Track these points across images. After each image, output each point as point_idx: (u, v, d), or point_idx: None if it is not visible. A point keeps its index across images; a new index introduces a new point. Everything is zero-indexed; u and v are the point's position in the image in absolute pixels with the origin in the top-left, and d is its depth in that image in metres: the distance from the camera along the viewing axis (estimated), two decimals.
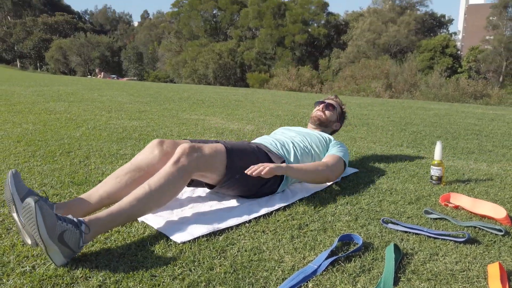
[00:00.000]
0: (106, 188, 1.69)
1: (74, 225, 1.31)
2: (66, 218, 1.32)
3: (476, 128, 4.47)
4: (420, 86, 21.38)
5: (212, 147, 1.76)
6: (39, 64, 45.89)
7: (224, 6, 38.87)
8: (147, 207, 1.54)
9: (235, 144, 1.92)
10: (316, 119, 2.56)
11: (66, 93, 6.94)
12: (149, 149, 1.84)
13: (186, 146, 1.67)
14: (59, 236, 1.25)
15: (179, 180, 1.61)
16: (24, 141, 3.02)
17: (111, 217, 1.44)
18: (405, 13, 35.88)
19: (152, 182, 1.56)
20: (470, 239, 1.56)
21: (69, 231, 1.28)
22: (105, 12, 71.06)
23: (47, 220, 1.24)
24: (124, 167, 1.78)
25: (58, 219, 1.27)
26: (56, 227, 1.25)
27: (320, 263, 1.34)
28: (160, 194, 1.56)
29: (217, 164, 1.74)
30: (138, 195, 1.52)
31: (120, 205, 1.49)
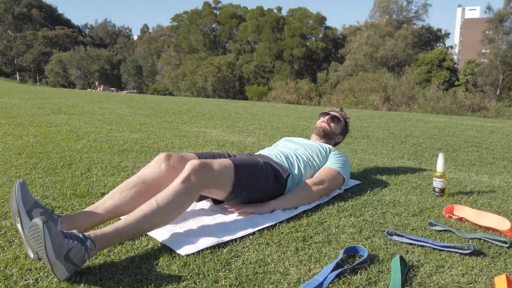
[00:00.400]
0: (112, 201, 1.67)
1: (80, 241, 1.29)
2: (72, 235, 1.30)
3: (476, 140, 4.49)
4: (418, 99, 21.52)
5: (221, 164, 1.75)
6: (39, 77, 46.07)
7: (223, 21, 39.27)
8: (153, 223, 1.52)
9: (243, 159, 1.90)
10: (321, 130, 2.57)
11: (66, 106, 6.96)
12: (156, 163, 1.83)
13: (196, 164, 1.66)
14: (66, 254, 1.24)
15: (187, 198, 1.60)
16: (25, 153, 3.02)
17: (117, 232, 1.43)
18: (402, 27, 36.30)
19: (160, 199, 1.54)
20: (476, 251, 1.55)
21: (75, 248, 1.27)
22: (105, 26, 71.69)
23: (55, 241, 1.22)
24: (130, 181, 1.77)
25: (65, 237, 1.26)
26: (63, 246, 1.24)
27: (326, 276, 1.33)
28: (168, 211, 1.54)
29: (224, 181, 1.74)
30: (145, 212, 1.50)
31: (127, 220, 1.47)
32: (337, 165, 2.26)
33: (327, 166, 2.27)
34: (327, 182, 2.14)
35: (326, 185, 2.13)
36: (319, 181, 2.12)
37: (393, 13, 38.54)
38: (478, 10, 68.38)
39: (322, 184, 2.11)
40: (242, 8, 41.25)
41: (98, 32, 69.52)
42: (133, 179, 1.78)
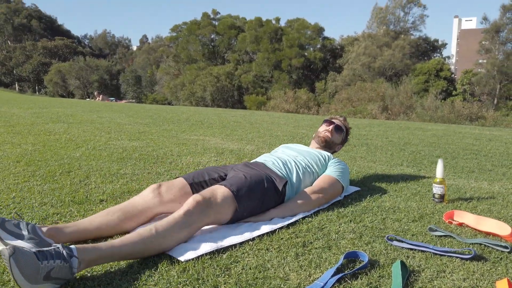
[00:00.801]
0: (97, 219, 1.66)
1: (63, 259, 1.24)
2: (55, 253, 1.24)
3: (474, 148, 4.50)
4: (416, 108, 21.58)
5: (223, 197, 1.72)
6: (38, 88, 46.17)
7: (222, 31, 39.55)
8: (148, 249, 1.47)
9: (240, 182, 1.85)
10: (323, 140, 2.57)
11: (65, 115, 6.96)
12: (146, 192, 1.84)
13: (200, 200, 1.63)
14: (45, 276, 1.19)
15: (185, 231, 1.57)
16: (24, 161, 3.01)
17: (111, 250, 1.37)
18: (399, 38, 36.59)
19: (160, 226, 1.51)
20: (477, 256, 1.54)
21: (57, 267, 1.22)
22: (105, 36, 72.13)
23: (26, 269, 1.16)
24: (119, 205, 1.77)
25: (44, 259, 1.20)
26: (40, 271, 1.18)
27: (326, 281, 1.32)
28: (165, 239, 1.50)
29: (225, 210, 1.74)
30: (143, 236, 1.46)
31: (123, 241, 1.43)
32: (337, 173, 2.26)
33: (326, 174, 2.26)
34: (326, 190, 2.14)
35: (325, 194, 2.13)
36: (318, 189, 2.12)
37: (390, 23, 38.89)
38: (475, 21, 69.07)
39: (321, 192, 2.11)
40: (241, 19, 41.58)
41: (97, 43, 69.91)
42: (123, 203, 1.79)
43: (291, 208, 1.98)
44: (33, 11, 57.71)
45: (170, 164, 3.09)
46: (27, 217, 1.85)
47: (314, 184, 2.18)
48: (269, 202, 1.95)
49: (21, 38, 53.64)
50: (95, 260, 1.33)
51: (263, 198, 1.92)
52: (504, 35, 33.28)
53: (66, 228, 1.57)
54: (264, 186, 1.93)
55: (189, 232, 1.60)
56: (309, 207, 2.04)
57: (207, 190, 1.75)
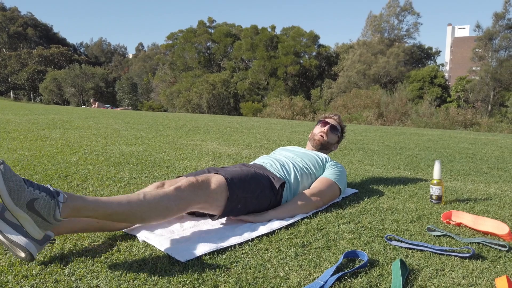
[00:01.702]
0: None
1: (49, 194, 1.24)
2: (40, 186, 1.25)
3: (470, 152, 4.53)
4: (411, 115, 21.71)
5: (215, 182, 1.74)
6: (33, 95, 46.01)
7: (218, 39, 39.74)
8: (133, 214, 1.47)
9: (236, 173, 1.88)
10: (319, 143, 2.57)
11: (61, 121, 6.94)
12: (149, 189, 1.84)
13: (193, 180, 1.66)
14: (28, 203, 1.18)
15: (174, 204, 1.57)
16: (20, 165, 3.00)
17: (96, 203, 1.39)
18: (394, 45, 36.94)
19: (148, 194, 1.54)
20: (475, 254, 1.55)
21: (41, 199, 1.21)
22: (100, 44, 72.15)
23: (11, 184, 1.17)
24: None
25: (29, 186, 1.21)
26: (24, 193, 1.18)
27: (326, 279, 1.32)
28: (151, 207, 1.51)
29: (217, 196, 1.73)
30: (130, 198, 1.48)
31: (109, 198, 1.45)
32: (334, 176, 2.27)
33: (324, 177, 2.27)
34: (324, 193, 2.14)
35: (323, 196, 2.13)
36: (316, 192, 2.12)
37: (385, 31, 39.28)
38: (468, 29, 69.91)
39: (319, 195, 2.11)
40: (237, 27, 41.84)
41: (93, 51, 69.90)
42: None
43: (289, 210, 1.98)
44: (29, 19, 57.69)
45: (168, 168, 3.09)
46: None
47: (312, 187, 2.19)
48: (264, 199, 1.94)
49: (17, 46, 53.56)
50: (79, 209, 1.34)
51: (258, 193, 1.91)
52: (497, 42, 33.69)
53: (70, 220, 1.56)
54: (260, 182, 1.94)
55: (177, 207, 1.58)
56: (307, 209, 2.04)
57: (202, 175, 1.77)
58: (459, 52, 60.00)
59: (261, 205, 1.94)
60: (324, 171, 2.34)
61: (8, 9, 57.23)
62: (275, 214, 1.94)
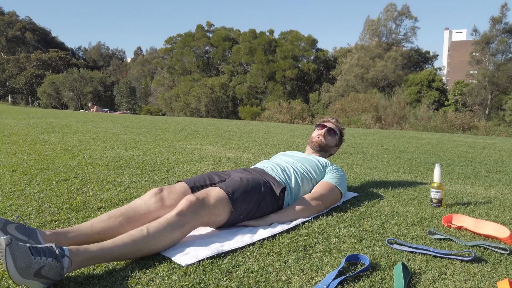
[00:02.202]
0: (100, 224, 1.64)
1: (55, 257, 1.25)
2: (47, 250, 1.26)
3: (469, 155, 4.54)
4: (409, 118, 21.76)
5: (216, 197, 1.73)
6: (31, 99, 45.95)
7: (216, 43, 39.81)
8: (139, 250, 1.47)
9: (236, 186, 1.85)
10: (317, 145, 2.58)
11: (60, 125, 6.93)
12: (147, 196, 1.83)
13: (193, 200, 1.65)
14: (36, 272, 1.21)
15: (178, 231, 1.58)
16: (20, 170, 2.99)
17: (101, 251, 1.38)
18: (392, 49, 37.07)
19: (151, 227, 1.52)
20: (477, 258, 1.55)
21: (48, 265, 1.23)
22: (99, 48, 72.17)
23: (19, 263, 1.18)
24: (120, 209, 1.75)
25: (37, 255, 1.22)
26: (32, 266, 1.20)
27: (328, 283, 1.32)
28: (156, 240, 1.50)
29: (220, 212, 1.74)
30: (134, 237, 1.47)
31: (114, 242, 1.43)
32: (335, 180, 2.27)
33: (325, 181, 2.27)
34: (325, 197, 2.14)
35: (325, 200, 2.13)
36: (318, 196, 2.12)
37: (383, 35, 39.42)
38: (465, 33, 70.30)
39: (320, 199, 2.11)
40: (235, 31, 41.95)
41: (91, 55, 69.89)
42: (124, 207, 1.76)
43: (290, 214, 1.98)
44: (27, 24, 57.72)
45: (168, 172, 3.08)
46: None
47: (313, 191, 2.19)
48: (266, 206, 1.95)
49: (15, 50, 53.54)
50: (86, 261, 1.34)
51: (260, 202, 1.91)
52: (494, 46, 33.84)
53: (68, 233, 1.56)
54: (261, 190, 1.93)
55: (182, 233, 1.59)
56: (309, 213, 2.04)
57: (202, 191, 1.76)
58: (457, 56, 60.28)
59: (263, 213, 1.95)
60: (324, 176, 2.34)
61: (6, 13, 57.27)
62: (277, 218, 1.94)
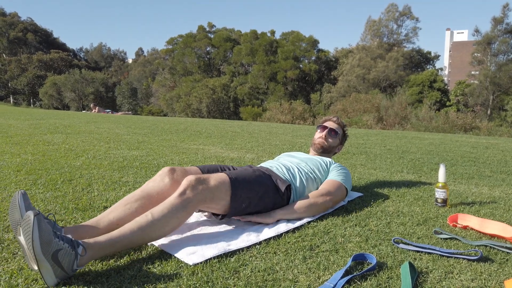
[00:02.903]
0: (115, 214, 1.66)
1: (71, 245, 1.29)
2: (65, 237, 1.30)
3: (472, 155, 4.54)
4: (410, 119, 21.75)
5: (217, 178, 1.75)
6: (33, 100, 46.06)
7: (218, 44, 39.88)
8: (147, 235, 1.51)
9: (240, 173, 1.89)
10: (320, 147, 2.58)
11: (63, 126, 6.95)
12: (159, 177, 1.84)
13: (192, 179, 1.67)
14: (53, 253, 1.23)
15: (182, 212, 1.60)
16: (24, 170, 3.00)
17: (110, 242, 1.41)
18: (393, 50, 37.09)
19: (155, 212, 1.54)
20: (483, 257, 1.55)
21: (64, 250, 1.26)
22: (100, 49, 72.31)
23: (43, 235, 1.22)
24: (134, 194, 1.76)
25: (56, 237, 1.26)
26: (52, 244, 1.24)
27: (336, 282, 1.33)
28: (162, 224, 1.53)
29: (221, 195, 1.75)
30: (140, 223, 1.50)
31: (121, 231, 1.46)
32: (340, 177, 2.28)
33: (330, 179, 2.27)
34: (332, 193, 2.14)
35: (332, 197, 2.13)
36: (325, 192, 2.12)
37: (384, 36, 39.44)
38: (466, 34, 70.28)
39: (328, 195, 2.11)
40: (236, 32, 42.01)
41: (93, 56, 70.03)
42: (137, 192, 1.77)
43: (298, 210, 1.97)
44: (29, 25, 57.85)
45: None
46: None
47: (320, 188, 2.19)
48: (268, 200, 1.95)
49: (16, 51, 53.65)
50: (97, 252, 1.38)
51: (261, 194, 1.91)
52: (496, 46, 33.83)
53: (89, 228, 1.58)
54: (265, 183, 1.94)
55: (187, 213, 1.61)
56: (316, 210, 2.03)
57: (205, 174, 1.78)
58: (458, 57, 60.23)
59: (265, 206, 1.94)
60: (329, 174, 2.34)
61: (8, 14, 57.42)
62: (283, 214, 1.94)
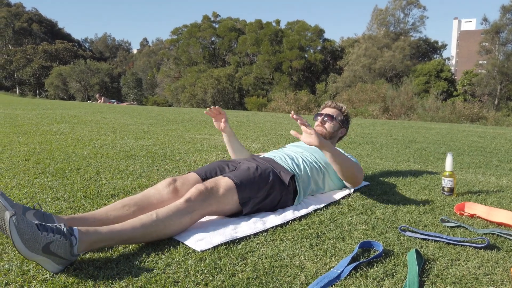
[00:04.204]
0: (113, 212, 1.67)
1: (63, 235, 1.27)
2: (55, 228, 1.27)
3: (479, 145, 4.51)
4: (417, 109, 21.60)
5: (225, 186, 1.76)
6: (38, 91, 46.27)
7: (222, 34, 39.67)
8: (148, 234, 1.50)
9: (244, 175, 1.87)
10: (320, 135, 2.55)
11: (69, 116, 6.99)
12: (161, 185, 1.85)
13: (202, 188, 1.68)
14: (44, 247, 1.21)
15: (187, 217, 1.60)
16: (33, 159, 3.03)
17: (111, 234, 1.41)
18: (400, 39, 36.68)
19: (160, 212, 1.54)
20: (490, 245, 1.56)
21: (56, 242, 1.24)
22: (105, 39, 72.24)
23: (24, 235, 1.19)
24: (133, 197, 1.78)
25: (44, 231, 1.23)
26: (38, 240, 1.21)
27: (342, 269, 1.34)
28: (165, 225, 1.53)
29: (228, 201, 1.76)
30: (143, 221, 1.50)
31: (123, 225, 1.46)
32: (353, 159, 2.29)
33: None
34: (355, 165, 2.13)
35: (356, 168, 2.12)
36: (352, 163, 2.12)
37: (390, 25, 39.00)
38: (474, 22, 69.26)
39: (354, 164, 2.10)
40: (241, 22, 41.72)
41: (98, 46, 70.00)
42: (137, 196, 1.79)
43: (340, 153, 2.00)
44: (34, 15, 57.87)
45: (178, 161, 3.11)
46: None
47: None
48: (275, 195, 1.95)
49: (22, 42, 53.78)
50: (96, 242, 1.37)
51: (268, 190, 1.92)
52: (504, 35, 33.34)
53: (85, 220, 1.59)
54: (269, 179, 1.94)
55: (191, 219, 1.62)
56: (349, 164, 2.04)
57: (211, 180, 1.78)
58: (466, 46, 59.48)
59: (272, 202, 1.95)
60: None
61: (13, 5, 57.46)
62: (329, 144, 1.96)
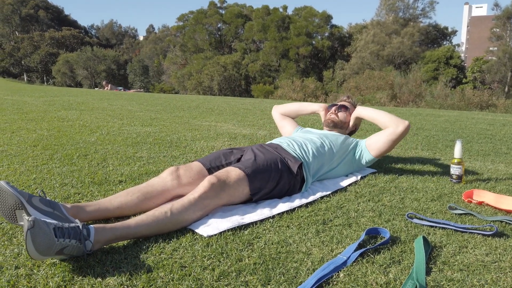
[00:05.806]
0: (119, 200, 1.68)
1: (78, 240, 1.26)
2: (72, 232, 1.25)
3: (488, 132, 4.46)
4: (425, 96, 21.35)
5: (236, 178, 1.76)
6: (46, 78, 46.47)
7: (229, 20, 39.34)
8: (162, 230, 1.50)
9: (253, 165, 1.87)
10: (330, 122, 2.56)
11: (77, 103, 7.01)
12: (164, 174, 1.86)
13: (214, 181, 1.67)
14: (58, 251, 1.21)
15: (200, 212, 1.61)
16: (41, 145, 3.05)
17: (126, 232, 1.41)
18: (409, 25, 36.11)
19: (175, 209, 1.54)
20: (498, 232, 1.54)
21: (70, 247, 1.23)
22: (111, 26, 72.02)
23: (41, 246, 1.17)
24: (138, 186, 1.79)
25: (61, 237, 1.22)
26: (54, 247, 1.19)
27: (349, 255, 1.34)
28: (179, 220, 1.54)
29: (239, 194, 1.78)
30: (158, 218, 1.49)
31: (138, 223, 1.45)
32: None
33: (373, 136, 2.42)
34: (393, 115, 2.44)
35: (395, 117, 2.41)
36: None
37: (400, 11, 38.36)
38: (485, 8, 67.85)
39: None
40: (248, 8, 41.29)
41: (104, 33, 69.85)
42: (142, 185, 1.80)
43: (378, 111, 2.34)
44: (40, 2, 57.74)
45: (185, 148, 3.11)
46: (49, 196, 1.88)
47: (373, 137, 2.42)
48: (284, 184, 1.95)
49: (29, 29, 53.83)
50: (111, 239, 1.38)
51: (278, 180, 1.92)
52: None
53: (88, 207, 1.60)
54: (278, 168, 1.94)
55: (204, 213, 1.64)
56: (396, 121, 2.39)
57: (222, 172, 1.77)
58: (476, 32, 58.39)
59: (281, 190, 1.95)
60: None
61: None
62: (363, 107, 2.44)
